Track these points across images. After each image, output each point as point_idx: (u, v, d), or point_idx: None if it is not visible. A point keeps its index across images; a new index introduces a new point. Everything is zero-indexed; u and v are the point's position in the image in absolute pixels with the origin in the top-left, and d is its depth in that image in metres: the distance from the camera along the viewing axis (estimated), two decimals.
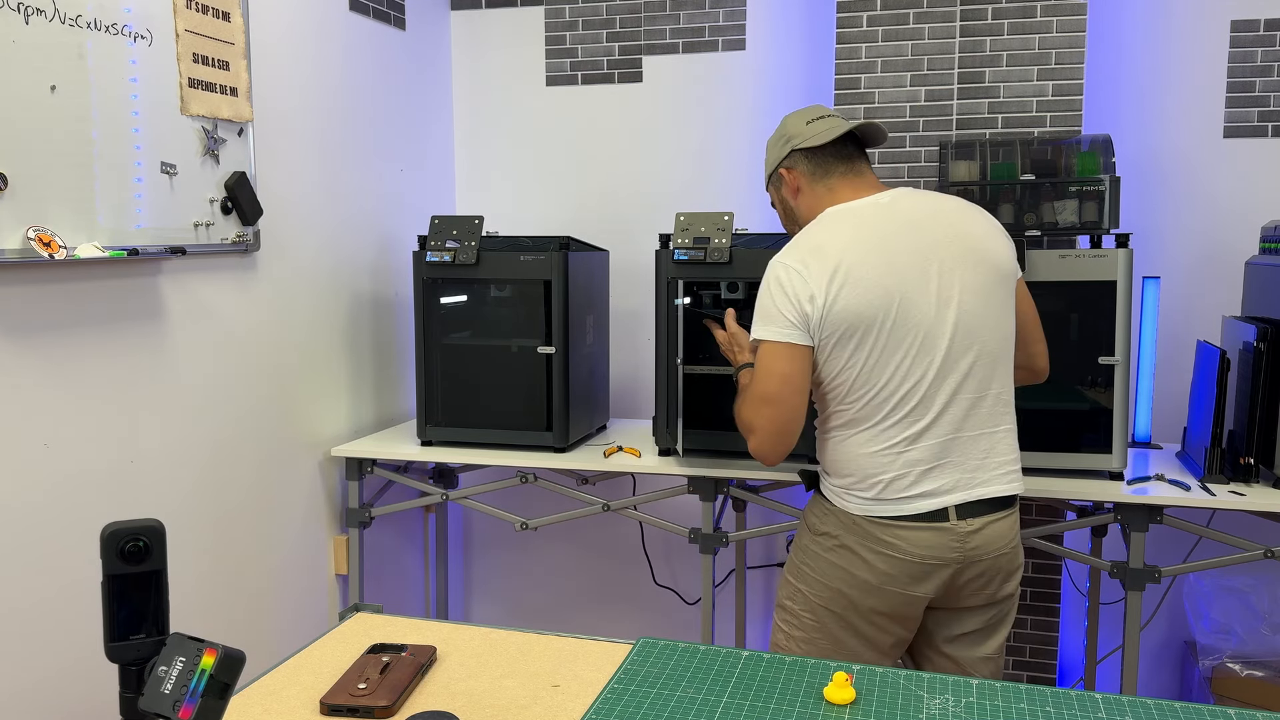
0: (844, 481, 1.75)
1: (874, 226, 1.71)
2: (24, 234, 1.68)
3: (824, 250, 1.68)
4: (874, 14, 2.67)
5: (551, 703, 1.16)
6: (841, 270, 1.65)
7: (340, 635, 1.36)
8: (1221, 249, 2.67)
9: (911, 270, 1.67)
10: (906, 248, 1.68)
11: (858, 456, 1.72)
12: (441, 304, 2.57)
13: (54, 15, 1.73)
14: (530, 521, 2.54)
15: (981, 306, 1.70)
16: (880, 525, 1.70)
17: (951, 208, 1.76)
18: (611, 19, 3.04)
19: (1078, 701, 1.14)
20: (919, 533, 1.69)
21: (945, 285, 1.68)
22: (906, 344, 1.67)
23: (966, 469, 1.70)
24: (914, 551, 1.69)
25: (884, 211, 1.73)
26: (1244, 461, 2.19)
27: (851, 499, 1.74)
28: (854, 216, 1.73)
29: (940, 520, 1.69)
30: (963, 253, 1.70)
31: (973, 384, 1.70)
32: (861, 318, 1.65)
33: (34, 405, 1.78)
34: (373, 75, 2.77)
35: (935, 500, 1.69)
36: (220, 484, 2.24)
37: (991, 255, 1.73)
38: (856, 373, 1.69)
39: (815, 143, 1.79)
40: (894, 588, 1.71)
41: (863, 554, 1.72)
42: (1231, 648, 2.51)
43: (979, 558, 1.71)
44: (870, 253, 1.67)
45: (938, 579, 1.71)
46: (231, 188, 2.16)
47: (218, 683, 0.85)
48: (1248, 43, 2.61)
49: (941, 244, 1.70)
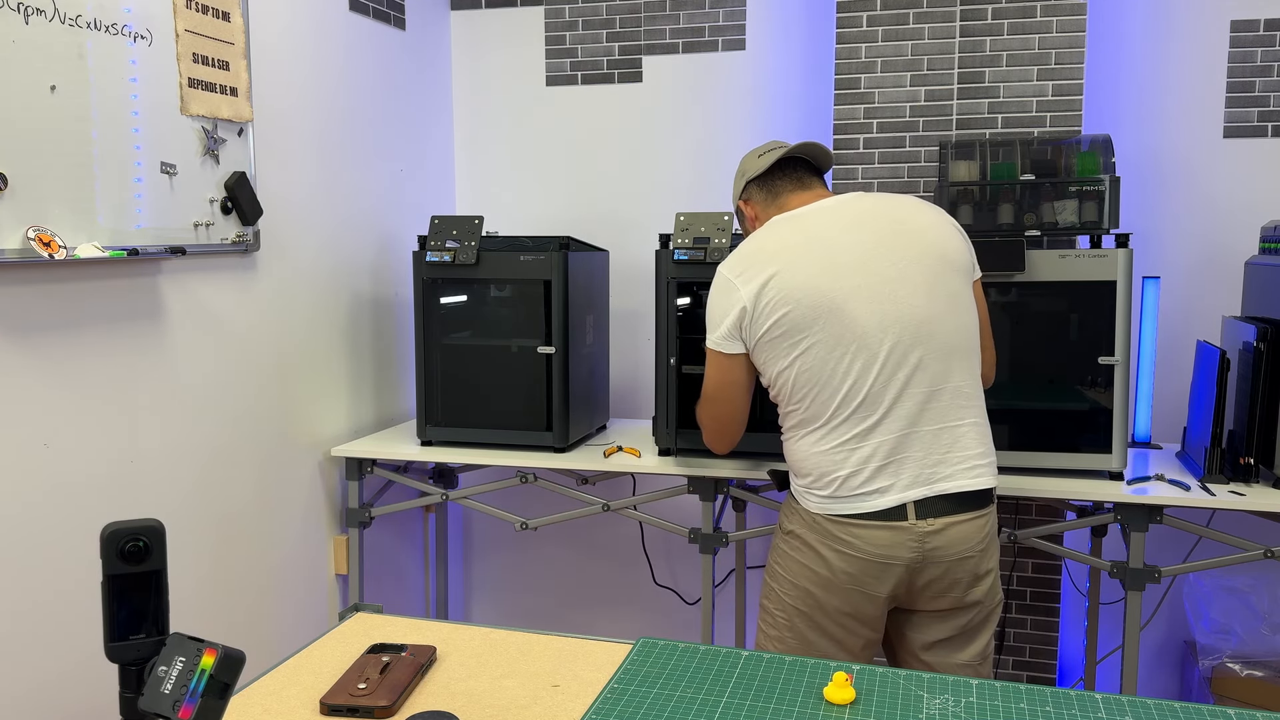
0: (804, 481, 1.78)
1: (815, 228, 1.75)
2: (24, 234, 1.68)
3: (760, 254, 1.74)
4: (874, 14, 2.67)
5: (551, 703, 1.16)
6: (777, 275, 1.70)
7: (340, 635, 1.36)
8: (1221, 249, 2.67)
9: (851, 268, 1.69)
10: (848, 245, 1.71)
11: (812, 455, 1.74)
12: (441, 304, 2.57)
13: (54, 15, 1.73)
14: (530, 521, 2.54)
15: (929, 301, 1.70)
16: (837, 523, 1.72)
17: (901, 205, 1.78)
18: (611, 19, 3.04)
19: (1078, 701, 1.14)
20: (875, 531, 1.70)
21: (888, 281, 1.69)
22: (846, 341, 1.68)
23: (926, 464, 1.70)
24: (870, 550, 1.70)
25: (828, 214, 1.77)
26: (1244, 461, 2.20)
27: (811, 498, 1.76)
28: (796, 220, 1.78)
29: (898, 519, 1.69)
30: (909, 248, 1.71)
31: (924, 378, 1.69)
32: (796, 319, 1.69)
33: (34, 405, 1.78)
34: (373, 75, 2.77)
35: (891, 497, 1.69)
36: (220, 484, 2.24)
37: (941, 250, 1.74)
38: (798, 372, 1.72)
39: (762, 170, 1.87)
40: (853, 586, 1.73)
41: (823, 552, 1.74)
42: (1231, 648, 2.51)
43: (938, 559, 1.70)
44: (807, 253, 1.71)
45: (893, 578, 1.71)
46: (231, 188, 2.16)
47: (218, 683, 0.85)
48: (1248, 43, 2.61)
49: (885, 240, 1.71)
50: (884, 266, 1.70)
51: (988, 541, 1.76)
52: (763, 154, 1.90)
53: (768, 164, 1.86)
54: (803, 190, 1.85)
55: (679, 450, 2.47)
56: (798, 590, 1.78)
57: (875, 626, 1.78)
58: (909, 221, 1.75)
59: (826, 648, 1.77)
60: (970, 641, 1.79)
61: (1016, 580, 2.69)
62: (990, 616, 1.80)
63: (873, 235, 1.72)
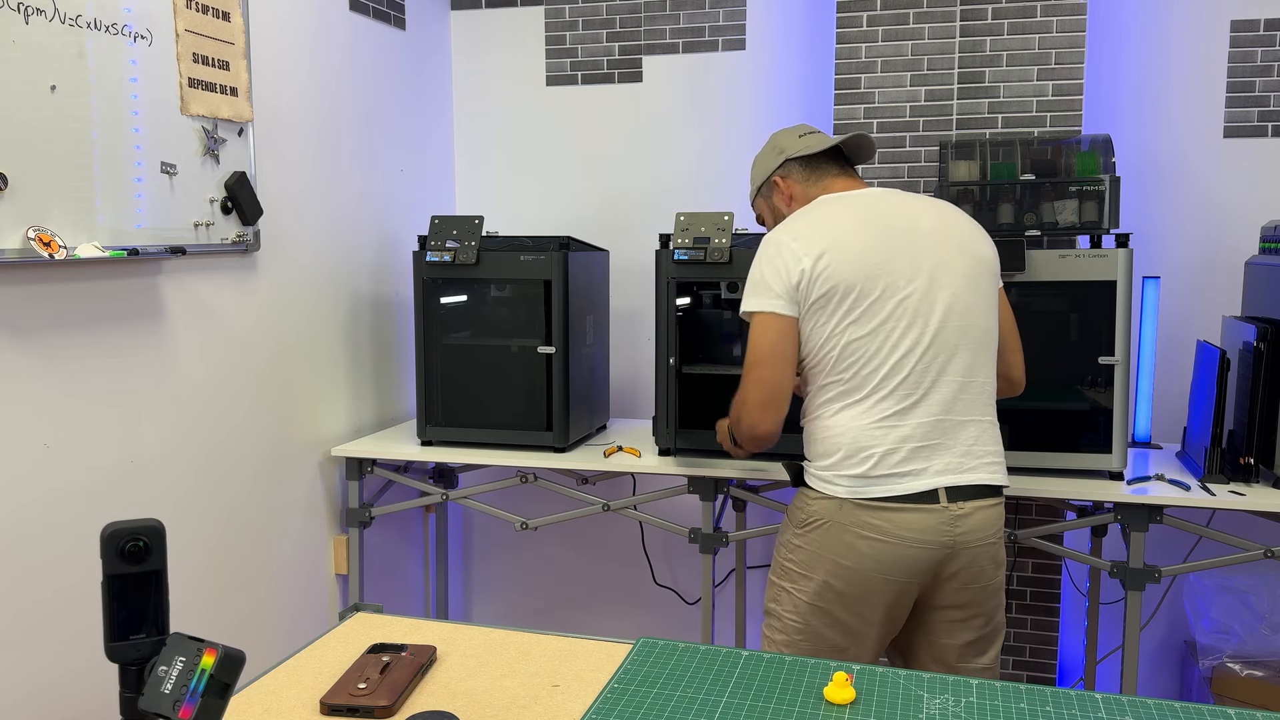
0: (832, 460, 1.73)
1: (867, 209, 1.77)
2: (24, 234, 1.68)
3: (817, 224, 1.75)
4: (874, 14, 2.67)
5: (551, 703, 1.16)
6: (832, 241, 1.71)
7: (340, 635, 1.36)
8: (1221, 249, 2.67)
9: (902, 249, 1.72)
10: (899, 229, 1.74)
11: (849, 430, 1.71)
12: (441, 304, 2.57)
13: (54, 15, 1.73)
14: (530, 521, 2.54)
15: (972, 296, 1.74)
16: (867, 508, 1.70)
17: (941, 205, 1.83)
18: (611, 19, 3.04)
19: (1078, 701, 1.14)
20: (908, 514, 1.68)
21: (936, 267, 1.72)
22: (896, 315, 1.69)
23: (956, 453, 1.71)
24: (902, 535, 1.69)
25: (878, 199, 1.80)
26: (1244, 461, 2.19)
27: (840, 481, 1.72)
28: (847, 199, 1.80)
29: (930, 501, 1.69)
30: (953, 244, 1.75)
31: (960, 368, 1.72)
32: (848, 282, 1.69)
33: (34, 405, 1.78)
34: (373, 75, 2.77)
35: (926, 480, 1.69)
36: (220, 484, 2.24)
37: (979, 251, 1.79)
38: (847, 340, 1.71)
39: (809, 151, 1.87)
40: (880, 574, 1.70)
41: (848, 539, 1.71)
42: (1231, 648, 2.51)
43: (968, 544, 1.71)
44: (861, 229, 1.73)
45: (926, 565, 1.70)
46: (231, 188, 2.16)
47: (218, 682, 0.85)
48: (1248, 43, 2.61)
49: (934, 233, 1.75)
50: (932, 254, 1.72)
51: (1003, 530, 1.80)
52: (804, 135, 1.90)
53: (815, 147, 1.87)
54: (846, 178, 1.88)
55: (679, 450, 2.47)
56: (814, 584, 1.74)
57: (898, 618, 1.76)
58: (949, 220, 1.79)
59: (842, 642, 1.74)
60: (985, 650, 1.80)
61: (1016, 580, 2.69)
62: (1000, 628, 1.82)
63: (922, 226, 1.75)
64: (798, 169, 1.89)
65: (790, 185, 1.90)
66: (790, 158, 1.89)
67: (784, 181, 1.90)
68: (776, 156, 1.91)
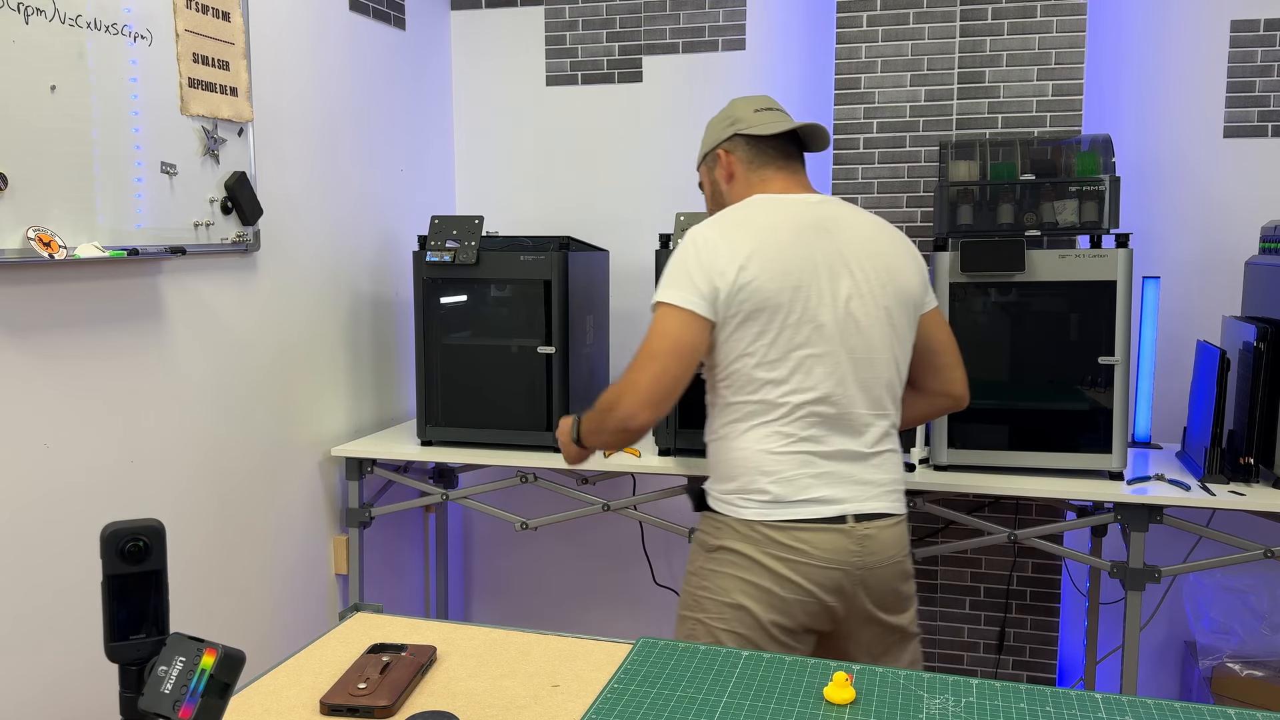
0: (738, 484, 1.70)
1: (796, 219, 1.70)
2: (24, 234, 1.68)
3: (744, 228, 1.68)
4: (874, 14, 2.67)
5: (551, 703, 1.16)
6: (758, 251, 1.64)
7: (340, 635, 1.36)
8: (1221, 249, 2.67)
9: (823, 270, 1.66)
10: (824, 248, 1.68)
11: (755, 453, 1.68)
12: (441, 304, 2.57)
13: (54, 15, 1.73)
14: (530, 521, 2.54)
15: (885, 327, 1.70)
16: (779, 529, 1.66)
17: (874, 225, 1.76)
18: (611, 19, 3.04)
19: (1078, 701, 1.14)
20: (819, 534, 1.66)
21: (855, 295, 1.68)
22: (810, 340, 1.65)
23: (857, 482, 1.69)
24: (817, 555, 1.66)
25: (811, 209, 1.72)
26: (1244, 461, 2.20)
27: (748, 504, 1.69)
28: (780, 205, 1.73)
29: (839, 523, 1.67)
30: (876, 271, 1.70)
31: (869, 400, 1.70)
32: (768, 301, 1.63)
33: (34, 405, 1.78)
34: (373, 75, 2.77)
35: (832, 507, 1.67)
36: (220, 484, 2.24)
37: (901, 281, 1.73)
38: (757, 360, 1.66)
39: (759, 131, 1.77)
40: (798, 595, 1.67)
41: (764, 561, 1.67)
42: (1231, 648, 2.51)
43: (876, 565, 1.69)
44: (787, 242, 1.66)
45: (843, 585, 1.68)
46: (231, 188, 2.16)
47: (218, 682, 0.85)
48: (1248, 43, 2.61)
49: (860, 257, 1.69)
50: (855, 280, 1.68)
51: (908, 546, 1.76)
52: (759, 109, 1.80)
53: (767, 128, 1.77)
54: (788, 173, 1.79)
55: (679, 450, 2.47)
56: (730, 610, 1.68)
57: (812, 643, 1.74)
58: (877, 244, 1.73)
59: None
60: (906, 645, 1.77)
61: (1016, 580, 2.69)
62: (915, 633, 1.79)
63: (849, 249, 1.69)
64: (744, 147, 1.79)
65: (733, 162, 1.80)
66: (740, 133, 1.79)
67: (727, 156, 1.81)
68: (727, 128, 1.81)
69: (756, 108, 1.81)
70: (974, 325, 2.29)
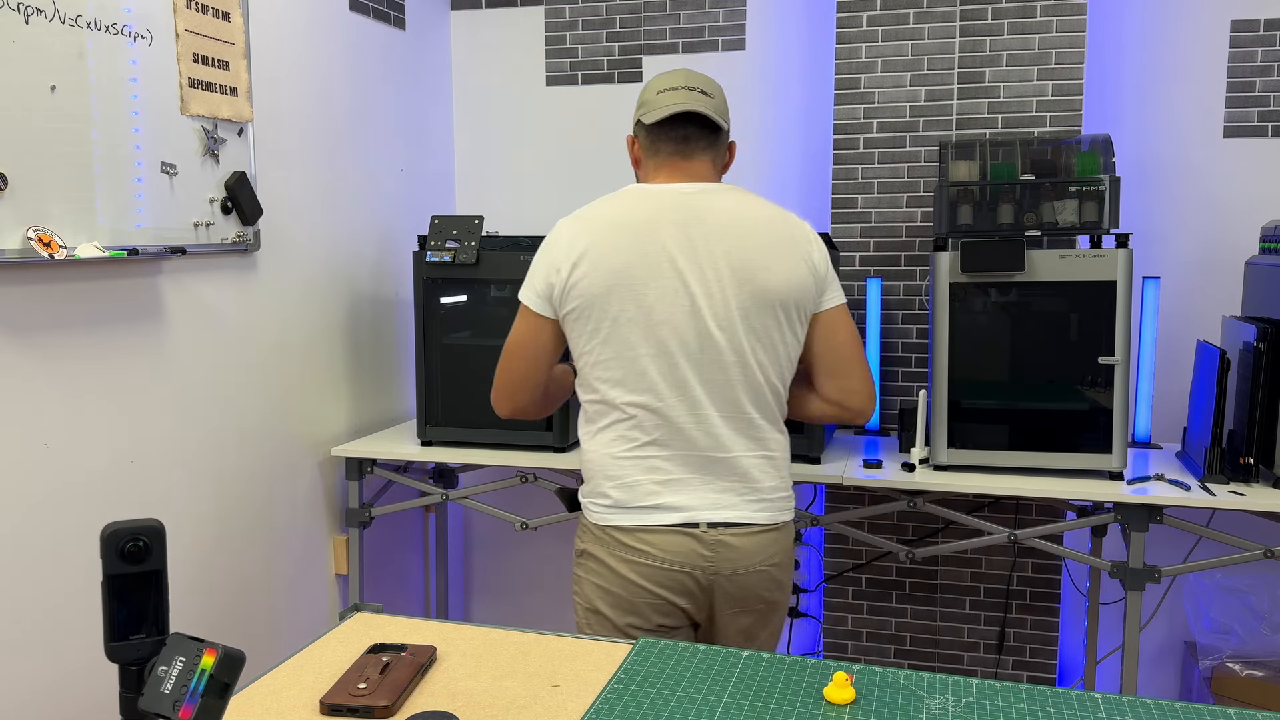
0: (591, 487, 1.70)
1: (653, 213, 1.63)
2: (24, 234, 1.68)
3: (592, 222, 1.64)
4: (874, 14, 2.67)
5: (551, 703, 1.16)
6: (592, 247, 1.61)
7: (340, 635, 1.36)
8: (1221, 249, 2.67)
9: (666, 268, 1.60)
10: (673, 245, 1.61)
11: (602, 457, 1.67)
12: (441, 304, 2.57)
13: (54, 15, 1.73)
14: (530, 521, 2.54)
15: (739, 327, 1.62)
16: (627, 532, 1.64)
17: (751, 220, 1.65)
18: (611, 19, 3.04)
19: (1078, 701, 1.14)
20: (667, 537, 1.63)
21: (703, 294, 1.61)
22: (644, 339, 1.61)
23: (714, 489, 1.64)
24: (665, 558, 1.63)
25: (680, 201, 1.64)
26: (1244, 461, 2.20)
27: (599, 508, 1.68)
28: (644, 197, 1.66)
29: (690, 527, 1.63)
30: (732, 268, 1.61)
31: (721, 402, 1.63)
32: (597, 299, 1.60)
33: (34, 405, 1.78)
34: (373, 75, 2.77)
35: (681, 514, 1.63)
36: (220, 484, 2.24)
37: (763, 280, 1.62)
38: (593, 359, 1.64)
39: (648, 119, 1.68)
40: (645, 599, 1.64)
41: (613, 565, 1.65)
42: (1231, 648, 2.51)
43: (733, 572, 1.64)
44: (628, 239, 1.61)
45: (691, 589, 1.65)
46: (231, 188, 2.16)
47: (218, 682, 0.85)
48: (1248, 43, 2.61)
49: (717, 255, 1.61)
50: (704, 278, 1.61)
51: (783, 555, 1.71)
52: (663, 90, 1.68)
53: (654, 115, 1.67)
54: (681, 160, 1.68)
55: None
56: (590, 614, 1.70)
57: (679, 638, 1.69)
58: (749, 241, 1.63)
59: None
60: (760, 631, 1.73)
61: (1016, 580, 2.69)
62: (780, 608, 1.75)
63: (708, 243, 1.61)
64: (643, 135, 1.71)
65: (637, 149, 1.75)
66: (639, 119, 1.71)
67: (633, 143, 1.76)
68: (636, 110, 1.73)
69: (660, 88, 1.69)
70: (974, 325, 2.29)
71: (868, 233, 2.74)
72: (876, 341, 2.67)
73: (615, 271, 1.60)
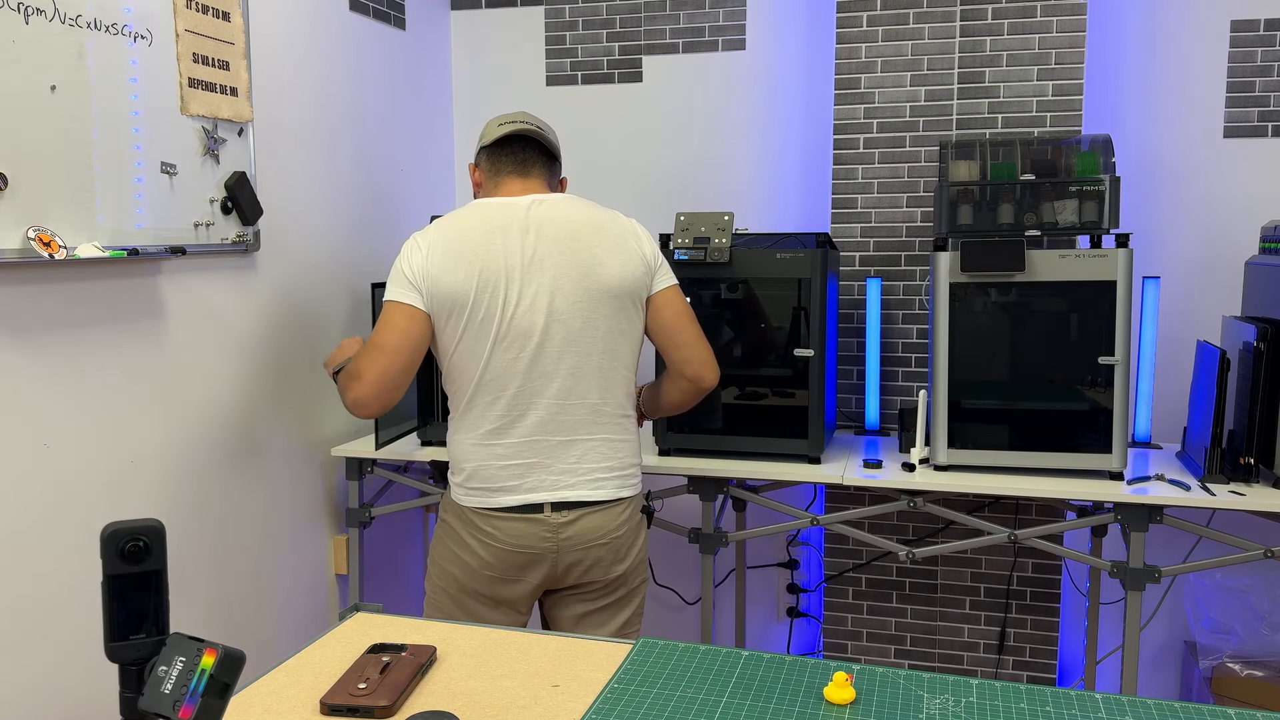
0: (452, 468, 1.86)
1: (497, 221, 1.80)
2: (24, 234, 1.68)
3: (441, 232, 1.80)
4: (874, 14, 2.67)
5: (551, 703, 1.16)
6: (447, 253, 1.77)
7: (340, 635, 1.36)
8: (1221, 249, 2.67)
9: (514, 269, 1.77)
10: (517, 248, 1.78)
11: (458, 444, 1.83)
12: None
13: (54, 15, 1.73)
14: None
15: (580, 320, 1.78)
16: (480, 515, 1.81)
17: (581, 223, 1.82)
18: (611, 19, 3.04)
19: (1078, 701, 1.14)
20: (513, 523, 1.80)
21: (542, 291, 1.77)
22: (493, 335, 1.76)
23: (554, 472, 1.81)
24: (510, 541, 1.80)
25: (520, 211, 1.81)
26: (1244, 461, 2.20)
27: (456, 488, 1.85)
28: (488, 209, 1.83)
29: (535, 513, 1.80)
30: (571, 266, 1.78)
31: (559, 390, 1.79)
32: (456, 299, 1.75)
33: (34, 405, 1.78)
34: (373, 75, 2.77)
35: (523, 496, 1.80)
36: (220, 484, 2.24)
37: (601, 274, 1.80)
38: (452, 353, 1.79)
39: (492, 139, 1.90)
40: (491, 574, 1.82)
41: (468, 540, 1.83)
42: (1231, 648, 2.51)
43: (573, 547, 1.82)
44: (476, 243, 1.77)
45: (537, 569, 1.83)
46: (231, 188, 2.16)
47: (218, 682, 0.85)
48: (1248, 43, 2.61)
49: (555, 254, 1.78)
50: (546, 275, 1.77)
51: (627, 527, 1.87)
52: (503, 124, 1.91)
53: (497, 135, 1.89)
54: (521, 178, 1.89)
55: (678, 450, 2.47)
56: (445, 576, 1.87)
57: (521, 609, 1.88)
58: (580, 240, 1.80)
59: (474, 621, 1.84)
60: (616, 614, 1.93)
61: (1016, 580, 2.69)
62: (634, 593, 1.94)
63: (537, 246, 1.78)
64: (485, 161, 1.92)
65: (479, 175, 1.94)
66: (481, 147, 1.93)
67: (474, 170, 1.95)
68: (478, 143, 1.95)
69: (500, 122, 1.91)
70: (974, 325, 2.29)
71: (868, 233, 2.74)
72: (876, 341, 2.67)
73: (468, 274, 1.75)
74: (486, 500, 1.81)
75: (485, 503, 1.81)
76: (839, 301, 2.75)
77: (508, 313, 1.76)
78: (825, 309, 2.36)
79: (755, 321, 2.41)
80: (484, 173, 1.93)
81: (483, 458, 1.80)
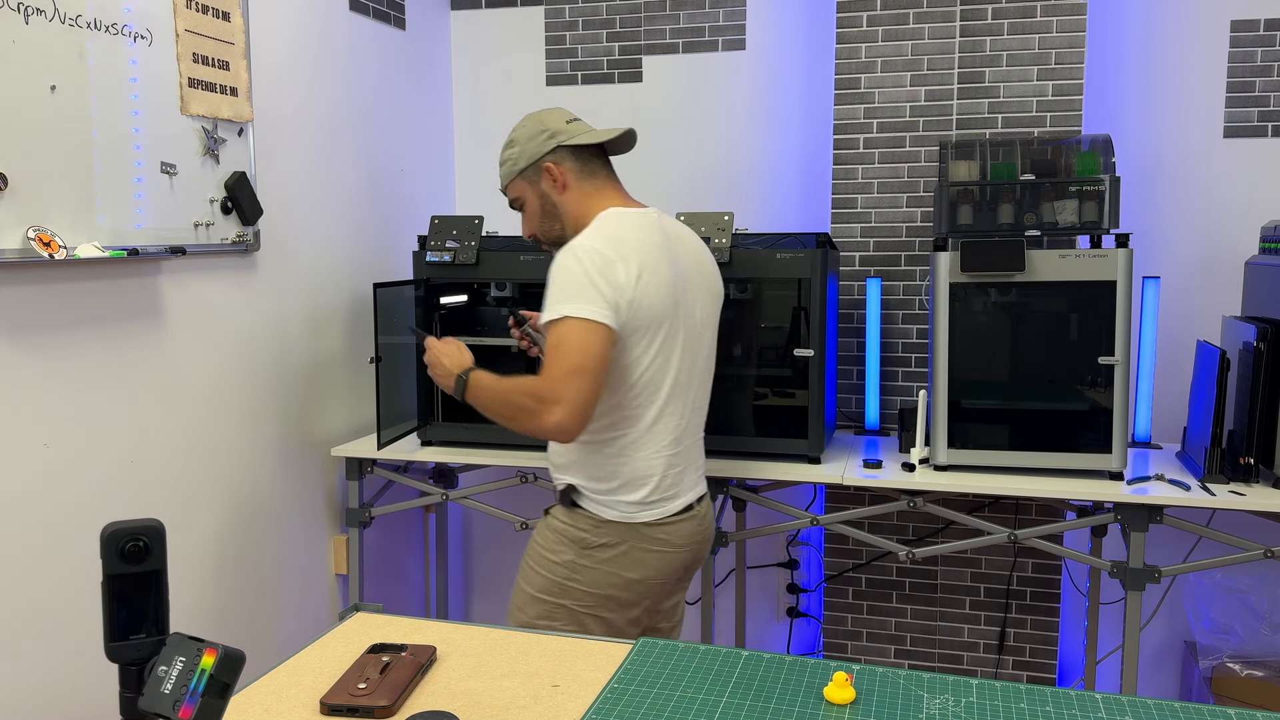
0: (614, 485, 1.77)
1: (657, 234, 1.78)
2: (24, 234, 1.68)
3: (628, 244, 1.71)
4: (874, 14, 2.67)
5: (551, 703, 1.16)
6: (644, 266, 1.70)
7: (340, 635, 1.36)
8: (1221, 249, 2.67)
9: (682, 281, 1.79)
10: (678, 261, 1.80)
11: (642, 460, 1.78)
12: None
13: (54, 15, 1.73)
14: (530, 521, 2.54)
15: (711, 331, 1.89)
16: (655, 526, 1.80)
17: (691, 234, 1.92)
18: (611, 19, 3.04)
19: (1078, 701, 1.14)
20: (681, 525, 1.83)
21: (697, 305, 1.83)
22: (682, 347, 1.79)
23: (694, 469, 1.89)
24: (679, 543, 1.83)
25: (655, 223, 1.81)
26: (1244, 461, 2.20)
27: (629, 507, 1.78)
28: (638, 220, 1.78)
29: (690, 510, 1.85)
30: (702, 277, 1.87)
31: (701, 397, 1.89)
32: (656, 314, 1.73)
33: (34, 405, 1.78)
34: (373, 75, 2.77)
35: (685, 498, 1.84)
36: (220, 484, 2.24)
37: (718, 289, 1.92)
38: (650, 371, 1.76)
39: (583, 141, 1.82)
40: (664, 581, 1.84)
41: (640, 556, 1.80)
42: (1231, 648, 2.51)
43: (709, 536, 1.92)
44: (660, 257, 1.75)
45: (695, 565, 1.92)
46: (231, 188, 2.16)
47: (218, 682, 0.85)
48: (1248, 43, 2.61)
49: (692, 266, 1.84)
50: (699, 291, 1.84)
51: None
52: (570, 121, 1.84)
53: (586, 138, 1.82)
54: (616, 183, 1.87)
55: None
56: (598, 599, 1.80)
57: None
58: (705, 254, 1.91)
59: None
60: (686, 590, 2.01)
61: (1016, 580, 2.69)
62: None
63: (689, 259, 1.84)
64: (569, 158, 1.81)
65: (564, 173, 1.81)
66: (563, 144, 1.81)
67: (558, 168, 1.81)
68: (546, 140, 1.81)
69: (567, 119, 1.85)
70: (974, 325, 2.29)
71: (868, 233, 2.74)
72: (876, 341, 2.67)
73: (667, 287, 1.75)
74: (664, 510, 1.80)
75: (662, 512, 1.80)
76: (839, 301, 2.75)
77: (689, 322, 1.79)
78: (825, 309, 2.36)
79: (755, 321, 2.41)
80: (571, 173, 1.82)
81: (663, 469, 1.79)
